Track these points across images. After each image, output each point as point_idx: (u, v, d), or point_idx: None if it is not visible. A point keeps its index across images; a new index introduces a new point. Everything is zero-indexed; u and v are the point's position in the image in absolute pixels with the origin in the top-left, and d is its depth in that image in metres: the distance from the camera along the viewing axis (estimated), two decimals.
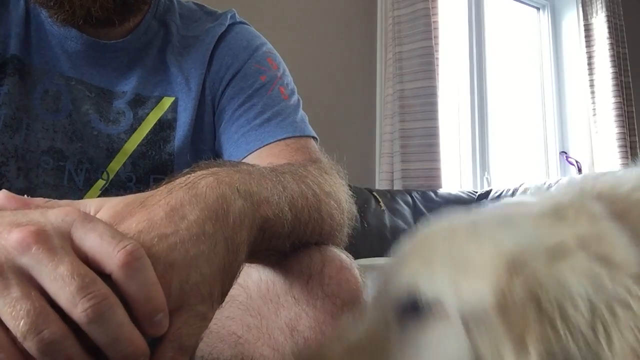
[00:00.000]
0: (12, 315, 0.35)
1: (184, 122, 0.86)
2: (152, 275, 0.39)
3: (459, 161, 3.14)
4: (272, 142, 0.83)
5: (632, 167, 0.54)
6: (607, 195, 0.50)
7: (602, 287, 0.42)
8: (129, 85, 0.85)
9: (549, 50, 3.68)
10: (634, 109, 3.48)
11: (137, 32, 0.86)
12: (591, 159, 3.40)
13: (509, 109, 3.47)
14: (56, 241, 0.37)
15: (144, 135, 0.85)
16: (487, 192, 2.57)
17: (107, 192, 0.82)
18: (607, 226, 0.46)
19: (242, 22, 0.96)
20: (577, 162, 3.46)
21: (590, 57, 3.46)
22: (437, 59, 2.74)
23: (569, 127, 3.60)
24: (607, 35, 3.43)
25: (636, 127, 3.47)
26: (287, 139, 0.83)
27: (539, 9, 3.77)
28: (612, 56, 3.40)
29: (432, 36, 2.71)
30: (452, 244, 0.50)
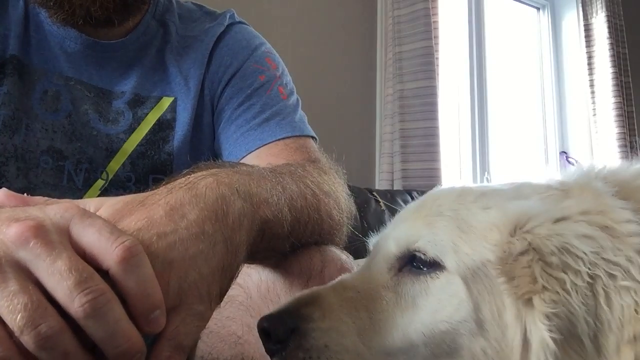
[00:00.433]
0: (9, 309, 0.35)
1: (183, 122, 0.86)
2: (150, 272, 0.39)
3: (459, 161, 3.13)
4: (271, 142, 0.83)
5: (632, 162, 0.56)
6: (611, 179, 0.52)
7: (604, 252, 0.43)
8: (128, 85, 0.85)
9: (549, 50, 3.68)
10: (634, 109, 3.48)
11: (136, 32, 0.86)
12: (591, 159, 3.39)
13: (509, 109, 3.46)
14: (54, 236, 0.38)
15: (143, 135, 0.85)
16: None
17: (106, 191, 0.82)
18: (611, 201, 0.48)
19: (241, 22, 0.96)
20: (577, 162, 3.46)
21: (590, 57, 3.46)
22: (437, 59, 2.73)
23: (569, 127, 3.60)
24: (607, 35, 3.43)
25: (636, 127, 3.47)
26: (286, 139, 0.83)
27: (539, 9, 3.76)
28: (612, 56, 3.40)
29: (432, 36, 2.71)
30: (457, 207, 0.51)
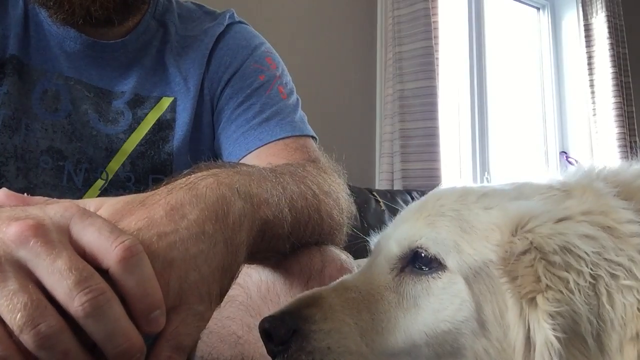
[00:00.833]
0: (9, 308, 0.35)
1: (182, 122, 0.86)
2: (150, 271, 0.39)
3: (459, 161, 3.13)
4: (271, 142, 0.83)
5: (632, 162, 0.56)
6: (612, 180, 0.52)
7: (606, 252, 0.43)
8: (128, 85, 0.85)
9: (549, 50, 3.68)
10: (634, 109, 3.48)
11: (135, 32, 0.86)
12: (591, 159, 3.39)
13: (509, 109, 3.46)
14: (54, 235, 0.37)
15: (143, 135, 0.85)
16: None
17: (106, 191, 0.82)
18: (612, 202, 0.48)
19: (241, 22, 0.96)
20: (577, 162, 3.46)
21: (590, 57, 3.46)
22: (437, 59, 2.73)
23: (569, 127, 3.60)
24: (607, 35, 3.43)
25: (636, 127, 3.47)
26: (286, 139, 0.83)
27: (539, 9, 3.76)
28: (612, 56, 3.40)
29: (432, 36, 2.71)
30: (459, 207, 0.51)
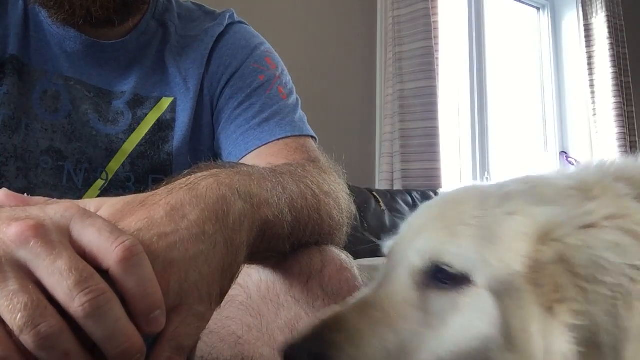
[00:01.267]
0: (9, 308, 0.35)
1: (182, 122, 0.86)
2: (150, 271, 0.39)
3: (459, 161, 3.13)
4: (271, 142, 0.83)
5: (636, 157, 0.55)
6: (625, 178, 0.51)
7: (629, 258, 0.42)
8: (128, 85, 0.85)
9: (549, 50, 3.68)
10: (634, 109, 3.48)
11: (135, 32, 0.86)
12: (591, 159, 3.39)
13: (509, 109, 3.47)
14: (55, 235, 0.37)
15: (143, 135, 0.85)
16: None
17: (106, 192, 0.82)
18: (632, 205, 0.47)
19: (241, 22, 0.96)
20: (577, 162, 3.46)
21: (590, 57, 3.47)
22: (437, 59, 2.73)
23: (569, 127, 3.60)
24: (607, 35, 3.43)
25: (636, 127, 3.47)
26: (286, 138, 0.83)
27: (539, 9, 3.77)
28: (612, 56, 3.40)
29: (432, 36, 2.71)
30: (481, 215, 0.49)
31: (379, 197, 2.25)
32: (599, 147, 3.37)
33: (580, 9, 3.55)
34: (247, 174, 0.54)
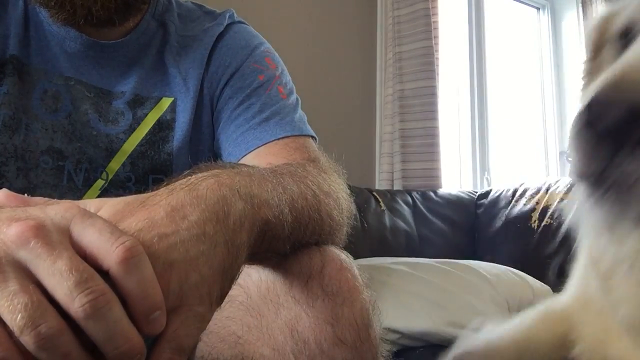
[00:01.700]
0: (9, 309, 0.35)
1: (182, 122, 0.86)
2: (150, 272, 0.39)
3: (459, 161, 3.13)
4: (271, 141, 0.83)
5: None
6: None
7: None
8: (128, 85, 0.85)
9: (549, 50, 3.68)
10: None
11: (136, 32, 0.86)
12: None
13: (508, 109, 3.46)
14: (55, 236, 0.37)
15: (143, 135, 0.85)
16: (487, 192, 2.56)
17: (106, 192, 0.82)
18: None
19: (241, 22, 0.96)
20: None
21: None
22: (437, 59, 2.73)
23: (569, 127, 3.59)
24: None
25: None
26: (286, 138, 0.83)
27: (539, 9, 3.76)
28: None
29: (432, 36, 2.71)
30: None
31: (379, 197, 2.25)
32: None
33: (580, 9, 3.55)
34: (248, 175, 0.54)
